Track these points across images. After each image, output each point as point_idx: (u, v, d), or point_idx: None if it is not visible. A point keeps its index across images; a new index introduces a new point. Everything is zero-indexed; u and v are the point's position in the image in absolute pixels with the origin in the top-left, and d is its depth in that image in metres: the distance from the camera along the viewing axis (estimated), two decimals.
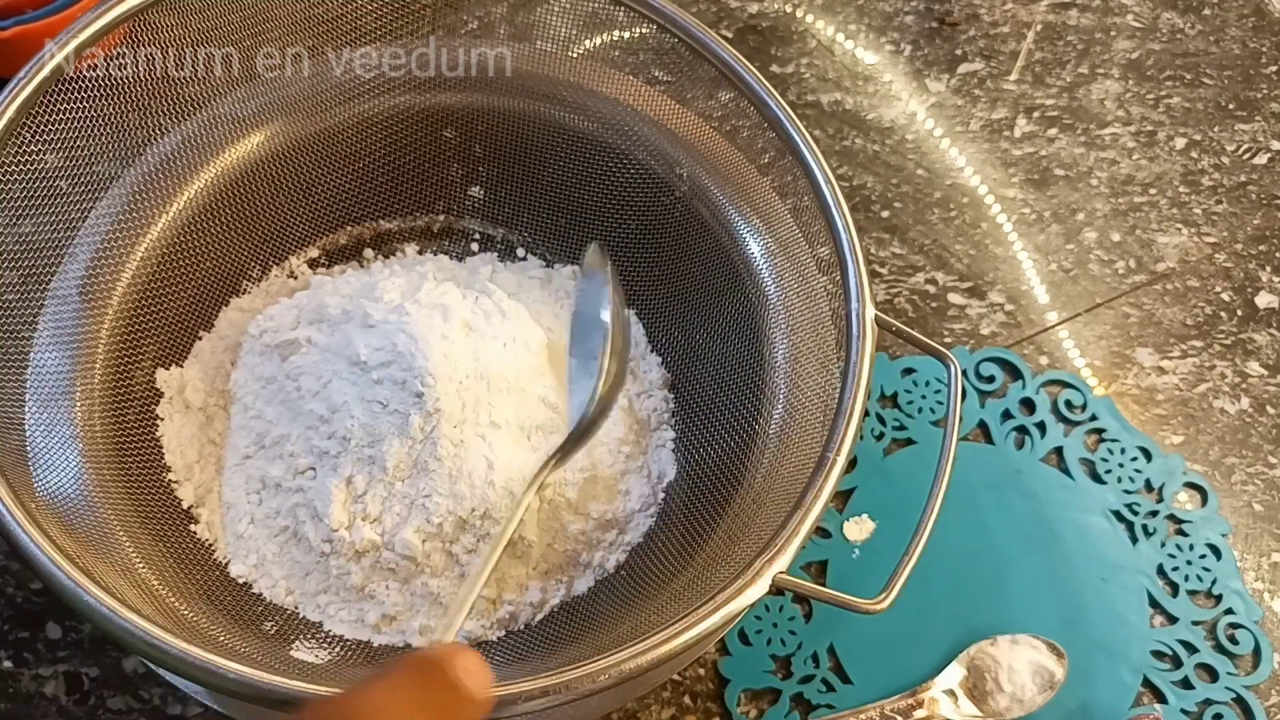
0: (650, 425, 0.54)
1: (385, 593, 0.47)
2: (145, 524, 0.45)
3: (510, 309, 0.51)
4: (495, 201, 0.59)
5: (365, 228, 0.58)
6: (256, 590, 0.47)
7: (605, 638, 0.44)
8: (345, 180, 0.55)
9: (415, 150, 0.56)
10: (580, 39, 0.55)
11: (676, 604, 0.43)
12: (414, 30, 0.54)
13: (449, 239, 0.59)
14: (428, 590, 0.47)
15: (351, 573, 0.47)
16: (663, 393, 0.55)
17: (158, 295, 0.49)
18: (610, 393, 0.46)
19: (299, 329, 0.51)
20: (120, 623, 0.35)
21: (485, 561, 0.42)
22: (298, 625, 0.47)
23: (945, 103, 0.74)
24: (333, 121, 0.53)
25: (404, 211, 0.58)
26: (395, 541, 0.46)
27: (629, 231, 0.56)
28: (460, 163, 0.57)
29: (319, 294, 0.53)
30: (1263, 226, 0.70)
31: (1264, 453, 0.62)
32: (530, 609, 0.49)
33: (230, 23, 0.49)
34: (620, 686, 0.36)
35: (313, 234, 0.56)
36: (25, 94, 0.42)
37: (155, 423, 0.49)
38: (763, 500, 0.46)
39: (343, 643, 0.47)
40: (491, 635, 0.48)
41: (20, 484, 0.39)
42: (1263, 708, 0.54)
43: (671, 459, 0.53)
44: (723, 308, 0.53)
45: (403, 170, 0.57)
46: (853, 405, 0.43)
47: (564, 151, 0.56)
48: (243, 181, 0.52)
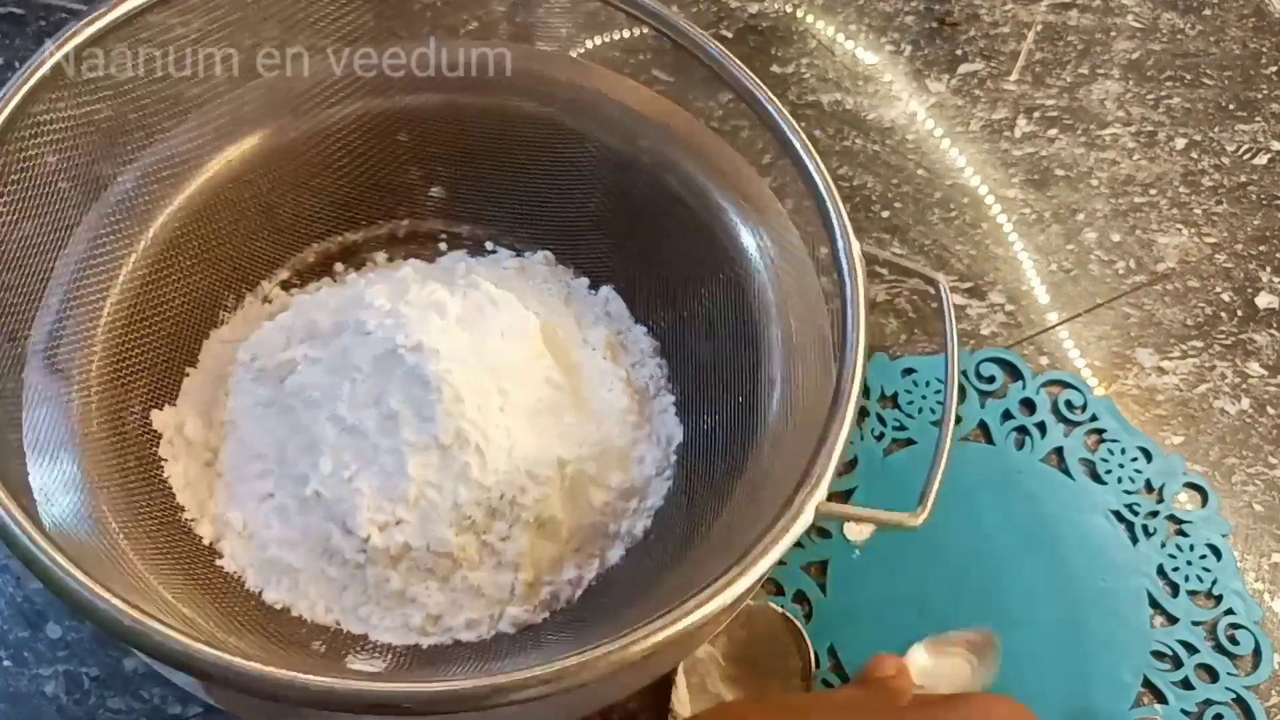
0: (650, 392, 0.55)
1: (426, 594, 0.47)
2: (174, 565, 0.45)
3: (500, 298, 0.51)
4: (457, 199, 0.59)
5: (332, 242, 0.58)
6: (296, 613, 0.47)
7: (654, 599, 0.44)
8: (305, 197, 0.55)
9: (371, 158, 0.56)
10: (581, 40, 0.55)
11: (717, 557, 0.43)
12: (353, 36, 0.53)
13: (416, 243, 0.59)
14: (468, 584, 0.47)
15: (390, 579, 0.47)
16: (655, 360, 0.56)
17: (137, 338, 0.49)
18: None
19: (291, 349, 0.51)
20: (198, 651, 0.34)
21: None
22: (344, 640, 0.47)
23: (945, 103, 0.74)
24: (285, 138, 0.53)
25: (368, 221, 0.58)
26: (430, 540, 0.46)
27: (594, 209, 0.56)
28: (418, 165, 0.57)
29: (304, 312, 0.53)
30: (1263, 227, 0.70)
31: (1264, 453, 0.62)
32: (569, 586, 0.49)
33: (175, 35, 0.48)
34: (679, 642, 0.37)
35: (281, 256, 0.56)
36: (24, 93, 0.42)
37: (160, 465, 0.49)
38: (780, 444, 0.46)
39: (392, 650, 0.47)
40: (537, 618, 0.48)
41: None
42: (1263, 708, 0.53)
43: (676, 422, 0.54)
44: (702, 269, 0.53)
45: (362, 180, 0.56)
46: (857, 337, 0.43)
47: (520, 139, 0.56)
48: (204, 212, 0.51)
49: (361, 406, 0.47)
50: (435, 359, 0.46)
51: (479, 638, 0.48)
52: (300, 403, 0.48)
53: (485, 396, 0.47)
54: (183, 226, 0.50)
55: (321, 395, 0.48)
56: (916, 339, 0.63)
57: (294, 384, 0.49)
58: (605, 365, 0.54)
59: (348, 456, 0.47)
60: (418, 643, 0.47)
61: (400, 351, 0.47)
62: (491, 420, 0.47)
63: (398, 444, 0.46)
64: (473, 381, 0.47)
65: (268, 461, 0.49)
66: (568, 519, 0.49)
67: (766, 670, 0.51)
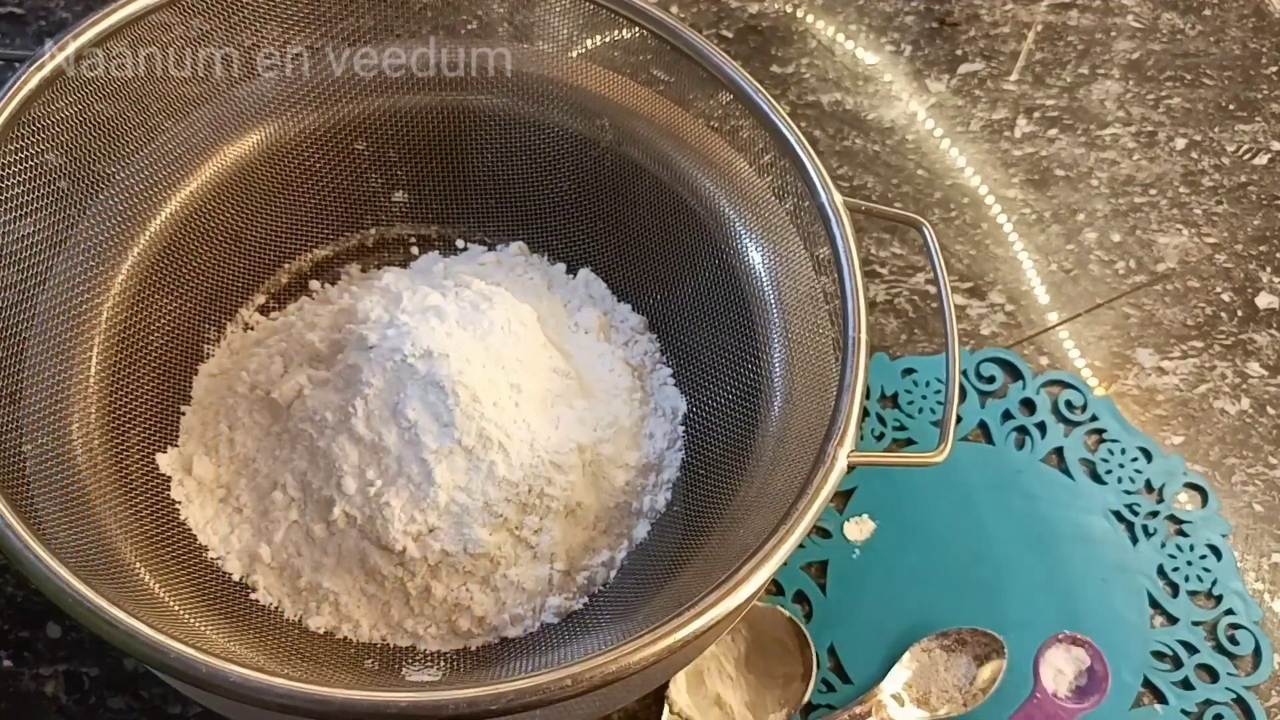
0: (646, 368, 0.55)
1: (468, 596, 0.47)
2: (210, 605, 0.44)
3: (492, 294, 0.51)
4: (421, 201, 0.59)
5: (303, 260, 0.57)
6: (341, 635, 0.47)
7: (694, 568, 0.45)
8: (269, 218, 0.55)
9: (331, 170, 0.55)
10: (580, 41, 0.55)
11: (754, 514, 0.44)
12: (293, 39, 0.52)
13: (387, 249, 0.59)
14: (509, 581, 0.48)
15: (432, 588, 0.47)
16: (646, 336, 0.56)
17: (128, 384, 0.48)
18: None
19: (291, 374, 0.50)
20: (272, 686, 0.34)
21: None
22: (395, 654, 0.47)
23: (945, 103, 0.74)
24: (242, 161, 0.52)
25: (335, 234, 0.58)
26: (466, 543, 0.46)
27: (561, 193, 0.57)
28: (378, 172, 0.57)
29: (295, 335, 0.52)
30: (1263, 227, 0.70)
31: (1264, 453, 0.62)
32: (604, 569, 0.50)
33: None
34: (735, 611, 0.37)
35: (254, 280, 0.56)
36: (24, 93, 0.42)
37: (175, 509, 0.48)
38: (794, 401, 0.47)
39: (442, 656, 0.47)
40: (578, 604, 0.49)
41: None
42: (1263, 708, 0.53)
43: (677, 393, 0.54)
44: (681, 235, 0.54)
45: (323, 194, 0.56)
46: (855, 288, 0.44)
47: (478, 133, 0.56)
48: (171, 248, 0.50)
49: (378, 421, 0.47)
50: (446, 363, 0.46)
51: (525, 631, 0.48)
52: (312, 427, 0.48)
53: (500, 393, 0.48)
54: (153, 265, 0.49)
55: (334, 416, 0.47)
56: (916, 339, 0.63)
57: (302, 409, 0.49)
58: (601, 346, 0.55)
59: (371, 473, 0.47)
60: (466, 645, 0.48)
61: (410, 361, 0.47)
62: (509, 416, 0.48)
63: (421, 453, 0.46)
64: (485, 380, 0.47)
65: (288, 490, 0.48)
66: (593, 503, 0.50)
67: (767, 671, 0.51)
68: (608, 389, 0.53)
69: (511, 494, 0.47)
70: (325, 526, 0.47)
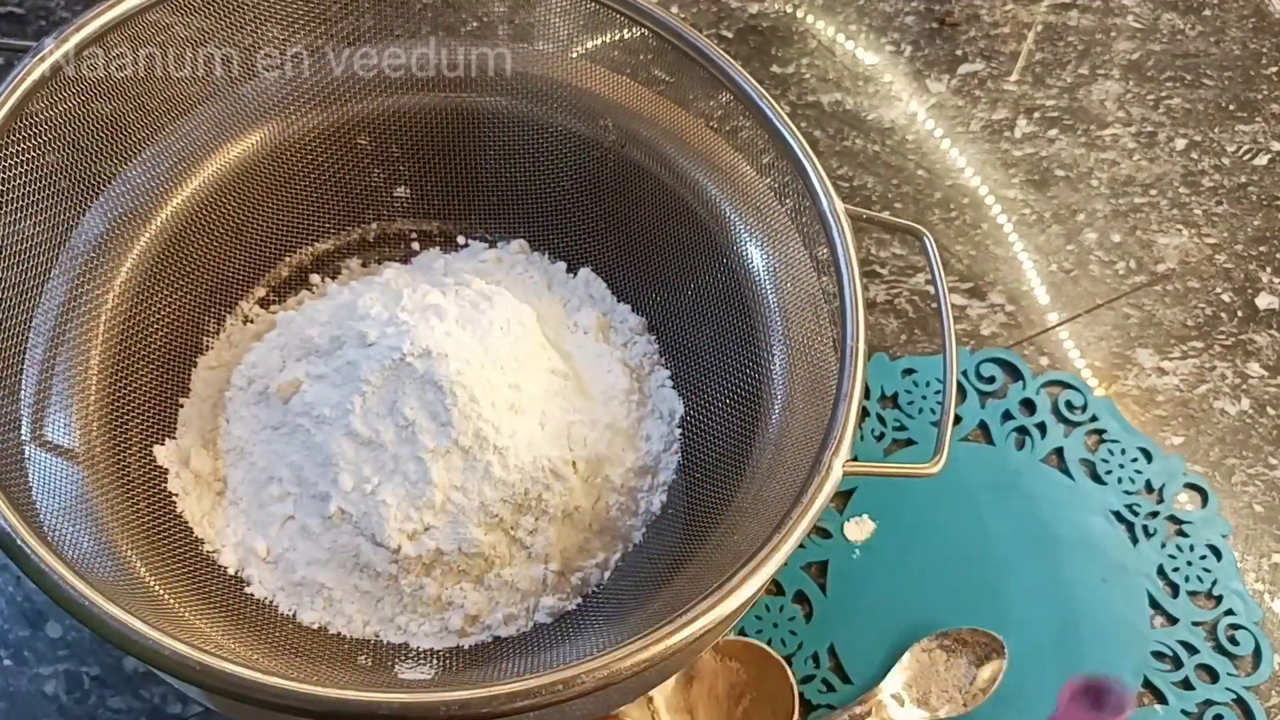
0: (645, 369, 0.55)
1: (462, 595, 0.47)
2: (205, 598, 0.45)
3: (493, 293, 0.51)
4: (423, 197, 0.59)
5: (304, 254, 0.57)
6: (334, 631, 0.47)
7: (688, 573, 0.45)
8: (272, 212, 0.55)
9: (334, 165, 0.56)
10: (580, 41, 0.55)
11: (749, 520, 0.44)
12: (293, 39, 0.52)
13: (388, 244, 0.59)
14: (503, 581, 0.48)
15: (425, 585, 0.47)
16: (645, 337, 0.56)
17: (128, 376, 0.48)
18: None
19: (290, 369, 0.50)
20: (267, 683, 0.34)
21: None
22: (388, 651, 0.47)
23: (945, 103, 0.74)
24: (247, 155, 0.52)
25: (336, 228, 0.58)
26: (461, 543, 0.46)
27: (563, 192, 0.57)
28: (380, 167, 0.57)
29: (294, 329, 0.52)
30: (1263, 227, 0.70)
31: (1264, 454, 0.62)
32: (598, 570, 0.50)
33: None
34: (728, 619, 0.37)
35: (255, 273, 0.56)
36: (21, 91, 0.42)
37: (171, 501, 0.48)
38: (793, 406, 0.47)
39: (434, 654, 0.47)
40: (571, 604, 0.49)
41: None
42: (1263, 708, 0.53)
43: (675, 395, 0.54)
44: (682, 237, 0.54)
45: (325, 188, 0.56)
46: (855, 295, 0.44)
47: (480, 132, 0.56)
48: (175, 242, 0.50)
49: (376, 418, 0.47)
50: (445, 363, 0.46)
51: (518, 631, 0.48)
52: (310, 422, 0.48)
53: (498, 394, 0.48)
54: (156, 259, 0.50)
55: (332, 412, 0.48)
56: (916, 339, 0.63)
57: (300, 403, 0.49)
58: (599, 347, 0.55)
59: (368, 470, 0.47)
60: (458, 644, 0.48)
61: (409, 360, 0.47)
62: (507, 417, 0.48)
63: (418, 452, 0.46)
64: (484, 381, 0.47)
65: (284, 484, 0.48)
66: (589, 505, 0.50)
67: (748, 704, 0.51)
68: (605, 390, 0.53)
69: (507, 494, 0.47)
70: (320, 521, 0.47)
